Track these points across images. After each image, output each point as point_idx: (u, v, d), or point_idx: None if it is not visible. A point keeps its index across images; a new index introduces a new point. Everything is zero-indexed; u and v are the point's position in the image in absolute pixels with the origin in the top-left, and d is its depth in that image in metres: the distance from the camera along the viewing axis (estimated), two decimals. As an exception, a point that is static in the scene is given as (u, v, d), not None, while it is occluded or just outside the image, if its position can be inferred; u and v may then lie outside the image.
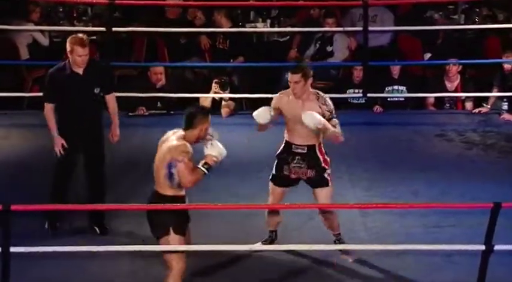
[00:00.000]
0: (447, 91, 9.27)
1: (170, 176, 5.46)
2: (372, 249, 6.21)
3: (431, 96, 9.34)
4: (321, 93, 6.08)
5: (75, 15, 10.48)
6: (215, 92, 8.99)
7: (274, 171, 6.16)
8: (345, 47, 9.70)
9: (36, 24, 9.81)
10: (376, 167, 7.79)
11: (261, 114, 6.04)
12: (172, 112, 8.87)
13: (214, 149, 5.48)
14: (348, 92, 9.30)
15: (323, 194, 6.11)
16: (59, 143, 6.65)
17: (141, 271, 6.07)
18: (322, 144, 6.09)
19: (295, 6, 10.32)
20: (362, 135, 8.53)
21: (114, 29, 9.00)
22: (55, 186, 6.77)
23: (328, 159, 6.11)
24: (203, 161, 5.47)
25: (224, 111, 9.02)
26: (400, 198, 7.06)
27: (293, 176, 6.11)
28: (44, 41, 9.86)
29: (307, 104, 5.96)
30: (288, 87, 6.06)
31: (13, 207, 5.42)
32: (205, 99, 9.00)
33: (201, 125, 5.50)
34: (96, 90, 6.67)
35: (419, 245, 6.02)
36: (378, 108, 9.19)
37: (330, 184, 6.10)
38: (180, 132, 5.54)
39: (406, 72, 9.51)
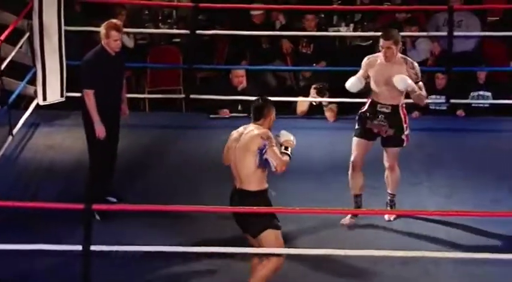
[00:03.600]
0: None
1: (265, 161, 5.54)
2: (451, 257, 6.13)
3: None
4: (409, 58, 6.64)
5: (160, 17, 10.58)
6: (313, 97, 9.03)
7: (357, 126, 6.73)
8: (426, 51, 9.59)
9: (123, 26, 9.93)
10: (458, 174, 7.68)
11: (354, 84, 6.68)
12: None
13: (287, 135, 5.70)
14: (429, 97, 9.17)
15: (393, 153, 6.65)
16: (103, 130, 6.88)
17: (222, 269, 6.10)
18: (404, 105, 6.62)
19: (379, 11, 10.25)
20: (444, 142, 8.43)
21: (197, 31, 9.09)
22: (101, 175, 6.98)
23: (408, 120, 6.61)
24: (283, 147, 5.66)
25: (329, 115, 9.02)
26: (480, 206, 6.96)
27: (375, 131, 6.62)
28: (129, 43, 9.98)
29: (396, 67, 6.54)
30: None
31: (95, 206, 5.51)
32: (303, 103, 9.07)
33: (271, 114, 5.69)
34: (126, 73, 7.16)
35: (499, 254, 5.92)
36: (461, 112, 9.07)
37: (404, 144, 6.65)
38: (252, 125, 5.65)
39: (491, 79, 9.35)
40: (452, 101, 8.90)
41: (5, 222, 6.55)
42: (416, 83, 6.55)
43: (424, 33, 9.53)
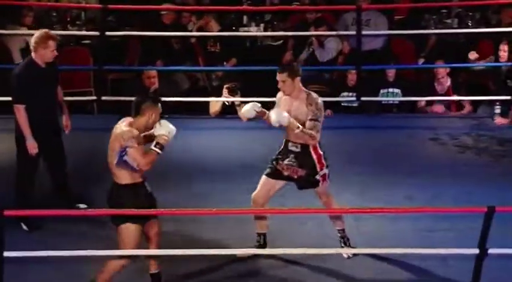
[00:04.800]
0: (438, 94, 9.29)
1: (125, 163, 5.53)
2: (365, 253, 6.22)
3: (423, 99, 9.35)
4: (313, 94, 6.14)
5: (68, 19, 10.46)
6: (226, 97, 9.02)
7: (269, 164, 6.27)
8: (335, 50, 9.71)
9: (30, 28, 9.79)
10: (369, 170, 7.79)
11: (247, 111, 6.19)
12: (166, 116, 8.84)
13: (163, 128, 5.60)
14: (341, 95, 9.31)
15: (319, 192, 6.26)
16: (34, 147, 6.71)
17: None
18: (318, 145, 6.14)
19: (289, 11, 10.35)
20: (355, 139, 8.55)
21: (107, 33, 9.02)
22: (26, 187, 6.83)
23: (325, 160, 6.16)
24: (155, 142, 5.57)
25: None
26: (393, 202, 7.06)
27: (285, 173, 6.17)
28: (37, 45, 9.83)
29: (296, 103, 6.09)
30: None
31: (6, 212, 5.41)
32: (216, 103, 9.05)
33: (149, 111, 5.59)
34: (56, 83, 6.85)
35: (413, 249, 6.02)
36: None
37: (320, 185, 6.18)
38: (126, 120, 5.62)
39: (400, 76, 9.53)
40: (363, 98, 9.02)
41: None
42: (311, 120, 6.01)
43: (333, 33, 9.66)
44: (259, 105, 6.19)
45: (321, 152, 6.16)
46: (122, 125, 5.58)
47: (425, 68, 9.77)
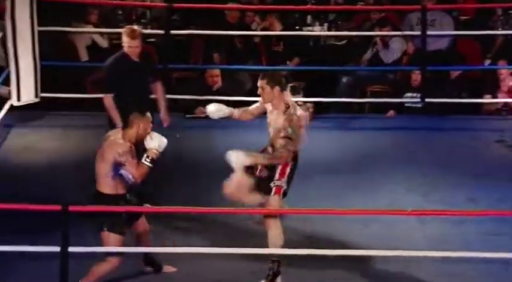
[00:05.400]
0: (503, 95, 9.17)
1: (121, 176, 5.64)
2: (431, 256, 6.16)
3: (488, 101, 9.23)
4: (292, 108, 5.97)
5: (133, 17, 10.55)
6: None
7: None
8: (399, 50, 9.64)
9: (95, 26, 9.92)
10: (433, 172, 7.71)
11: (212, 111, 6.21)
12: (229, 115, 8.88)
13: (153, 142, 5.69)
14: (405, 96, 9.23)
15: (268, 203, 5.97)
16: None
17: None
18: (292, 158, 5.96)
19: (353, 11, 10.30)
20: (419, 140, 8.47)
21: (172, 31, 9.07)
22: None
23: (287, 178, 5.96)
24: (145, 155, 5.67)
25: None
26: (457, 204, 6.99)
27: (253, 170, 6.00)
28: (103, 43, 9.96)
29: (276, 113, 5.98)
30: None
31: (71, 208, 5.49)
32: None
33: (137, 123, 5.69)
34: (150, 79, 6.93)
35: (476, 252, 5.95)
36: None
37: (272, 194, 5.94)
38: (118, 131, 5.76)
39: (465, 77, 9.42)
40: (427, 100, 8.93)
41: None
42: (282, 138, 5.87)
43: (398, 33, 9.59)
44: (224, 108, 6.17)
45: (288, 168, 5.96)
46: (117, 137, 5.70)
47: (490, 69, 9.63)
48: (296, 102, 8.92)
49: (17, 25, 8.43)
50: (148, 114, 5.78)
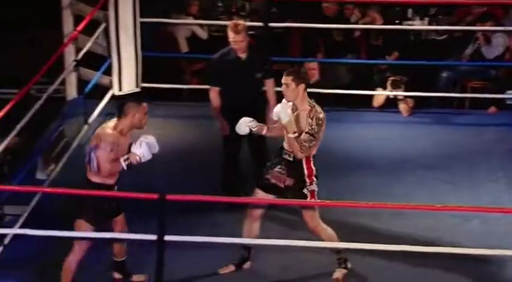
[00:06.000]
0: None
1: (89, 159, 5.55)
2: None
3: None
4: (317, 108, 5.85)
5: (233, 10, 10.61)
6: (390, 90, 8.95)
7: (263, 175, 6.03)
8: (502, 46, 9.43)
9: (196, 18, 10.01)
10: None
11: (241, 127, 6.02)
12: (325, 108, 8.83)
13: (139, 150, 5.55)
14: (507, 92, 9.03)
15: (307, 214, 5.90)
16: (225, 127, 6.84)
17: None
18: (311, 157, 5.86)
19: (455, 4, 10.14)
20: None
21: (270, 24, 9.08)
22: (224, 174, 7.02)
23: (315, 178, 5.86)
24: (126, 156, 5.54)
25: (403, 108, 8.93)
26: None
27: (272, 181, 5.92)
28: (203, 34, 10.05)
29: (300, 112, 5.81)
30: None
31: (168, 197, 5.54)
32: (380, 96, 9.01)
33: (132, 112, 5.57)
34: (258, 75, 6.78)
35: None
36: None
37: (308, 199, 5.84)
38: (112, 120, 5.64)
39: None
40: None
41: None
42: (306, 133, 5.74)
43: (500, 28, 9.38)
44: (251, 119, 5.98)
45: (314, 168, 5.86)
46: (107, 127, 5.61)
47: None
48: (396, 96, 8.91)
49: (120, 16, 8.58)
50: (145, 104, 5.63)
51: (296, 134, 5.76)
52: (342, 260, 5.99)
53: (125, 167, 5.57)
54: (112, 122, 5.66)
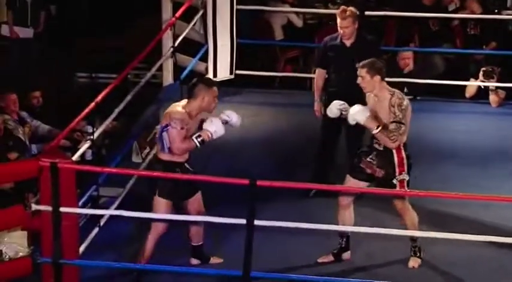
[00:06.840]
0: None
1: (160, 138, 5.56)
2: None
3: None
4: (398, 94, 5.84)
5: (330, -2, 10.63)
6: (482, 81, 8.87)
7: (355, 161, 6.04)
8: None
9: (292, 6, 10.08)
10: None
11: (332, 109, 6.05)
12: (418, 98, 8.83)
13: (212, 126, 5.60)
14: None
15: (396, 201, 5.94)
16: (317, 108, 7.00)
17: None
18: (402, 146, 5.85)
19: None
20: None
21: (366, 13, 9.08)
22: (318, 161, 7.09)
23: (408, 166, 5.85)
24: (198, 133, 5.57)
25: (493, 99, 8.87)
26: None
27: (368, 171, 5.93)
28: (298, 22, 10.11)
29: (380, 102, 5.84)
30: None
31: (259, 182, 5.63)
32: (472, 86, 8.94)
33: (202, 95, 5.57)
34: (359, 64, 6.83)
35: None
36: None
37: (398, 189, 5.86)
38: (183, 101, 5.65)
39: None
40: None
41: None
42: (392, 122, 5.76)
43: None
44: (342, 103, 6.00)
45: (404, 155, 5.85)
46: (177, 106, 5.64)
47: None
48: (488, 87, 8.80)
49: (217, 3, 8.71)
50: (215, 88, 5.65)
51: (380, 128, 5.80)
52: (417, 249, 6.03)
53: (198, 144, 5.63)
54: (182, 103, 5.74)
